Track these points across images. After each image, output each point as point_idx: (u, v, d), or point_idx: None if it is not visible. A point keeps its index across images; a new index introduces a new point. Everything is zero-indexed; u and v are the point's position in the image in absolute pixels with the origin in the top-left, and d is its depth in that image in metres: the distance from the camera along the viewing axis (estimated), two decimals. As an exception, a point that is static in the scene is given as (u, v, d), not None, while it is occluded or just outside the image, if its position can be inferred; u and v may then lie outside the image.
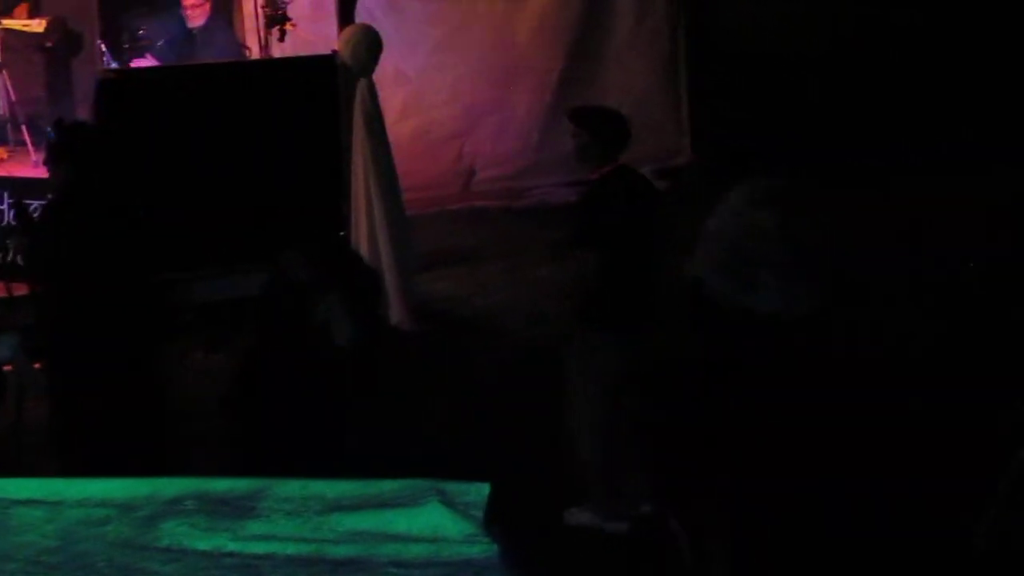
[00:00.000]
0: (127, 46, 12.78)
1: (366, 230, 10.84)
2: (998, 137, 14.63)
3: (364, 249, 10.78)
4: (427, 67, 14.26)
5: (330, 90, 10.99)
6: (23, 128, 12.21)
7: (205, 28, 12.35)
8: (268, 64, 11.98)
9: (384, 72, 11.88)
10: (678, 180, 14.62)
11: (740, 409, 6.70)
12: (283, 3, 12.12)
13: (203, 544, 2.95)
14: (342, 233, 11.06)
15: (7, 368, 7.67)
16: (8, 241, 10.15)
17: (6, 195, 10.67)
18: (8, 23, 12.60)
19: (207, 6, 12.40)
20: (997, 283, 11.00)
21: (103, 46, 12.31)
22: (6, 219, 10.65)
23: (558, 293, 11.16)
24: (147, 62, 12.32)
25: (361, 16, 11.71)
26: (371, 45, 10.95)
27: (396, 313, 10.82)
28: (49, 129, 8.98)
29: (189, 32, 12.43)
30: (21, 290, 8.90)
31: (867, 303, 10.43)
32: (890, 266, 11.66)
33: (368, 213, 10.85)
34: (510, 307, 11.45)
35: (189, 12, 12.42)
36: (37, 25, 12.51)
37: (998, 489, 6.52)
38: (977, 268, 11.95)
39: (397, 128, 12.67)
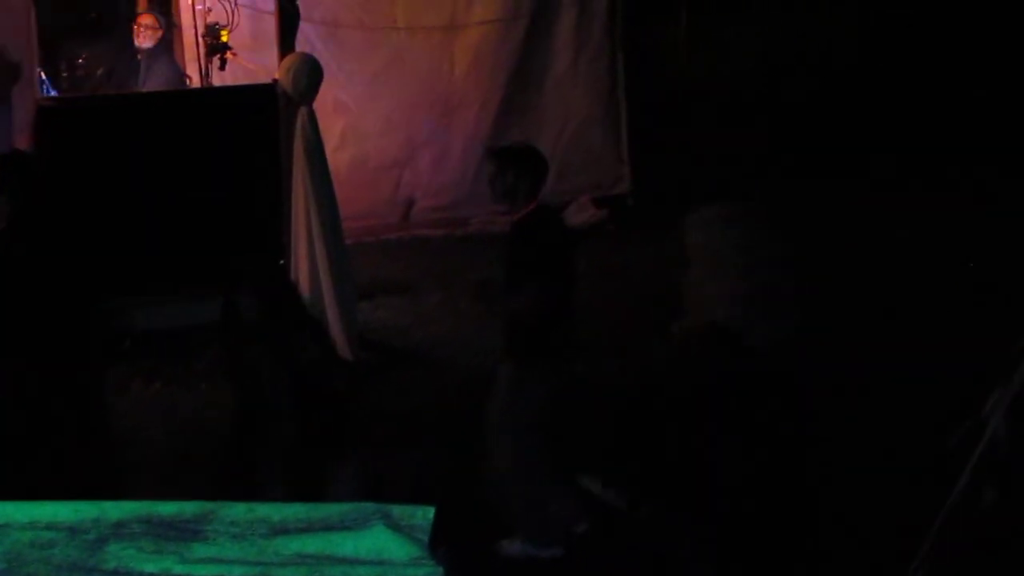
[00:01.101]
0: (66, 74, 12.76)
1: (306, 258, 10.83)
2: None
3: (304, 278, 10.79)
4: (366, 96, 14.29)
5: (270, 118, 10.99)
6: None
7: (152, 54, 12.33)
8: (209, 92, 11.96)
9: (323, 101, 11.89)
10: (619, 210, 14.77)
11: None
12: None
13: (150, 567, 2.96)
14: (281, 261, 11.07)
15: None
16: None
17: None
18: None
19: (159, 32, 12.40)
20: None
21: (42, 74, 12.27)
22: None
23: (496, 324, 11.22)
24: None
25: (301, 46, 11.73)
26: (311, 73, 10.96)
27: (336, 342, 10.82)
28: None
29: (132, 59, 12.42)
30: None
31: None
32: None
33: (308, 241, 10.83)
34: (449, 337, 11.47)
35: (141, 32, 12.40)
36: (-27, 54, 12.44)
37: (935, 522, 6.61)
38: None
39: (336, 157, 12.71)
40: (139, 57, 12.48)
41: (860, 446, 8.78)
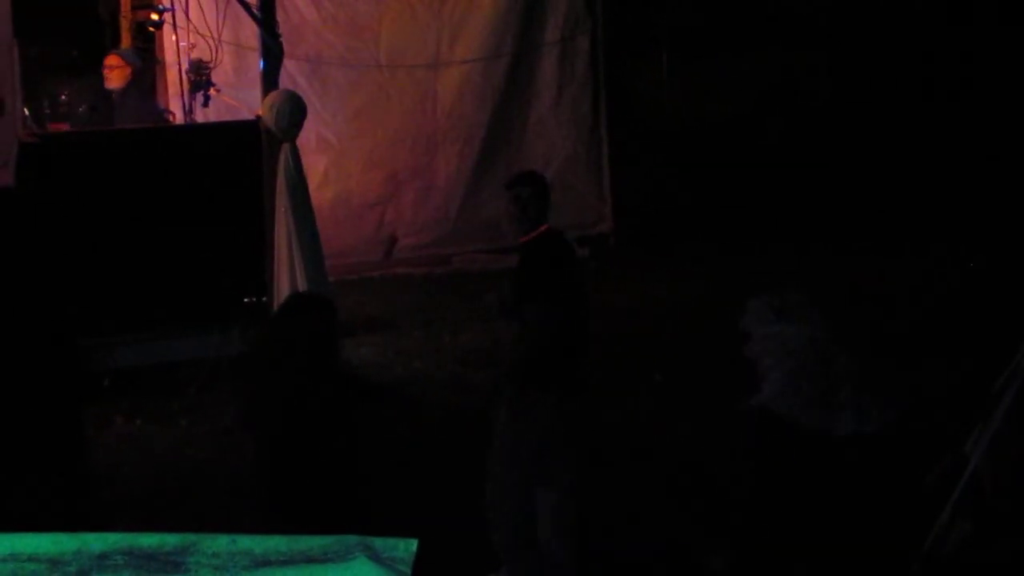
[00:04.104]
0: (49, 111, 12.75)
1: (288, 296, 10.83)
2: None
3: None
4: (349, 134, 14.32)
5: (253, 155, 11.00)
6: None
7: (124, 92, 12.32)
8: (192, 129, 11.96)
9: (306, 139, 11.91)
10: (600, 248, 14.78)
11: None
12: (207, 69, 12.14)
13: (132, 599, 2.95)
14: (264, 298, 11.06)
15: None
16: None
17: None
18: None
19: (127, 70, 12.37)
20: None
21: (25, 111, 12.26)
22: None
23: (479, 360, 11.22)
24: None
25: (284, 83, 11.75)
26: (295, 110, 10.98)
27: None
28: None
29: (110, 97, 12.41)
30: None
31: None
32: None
33: (291, 279, 10.83)
34: (431, 373, 11.47)
35: (107, 74, 12.41)
36: (-43, 91, 12.42)
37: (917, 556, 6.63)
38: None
39: (320, 194, 12.73)
40: (113, 96, 12.48)
41: (841, 481, 8.79)
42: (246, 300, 10.98)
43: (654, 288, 13.54)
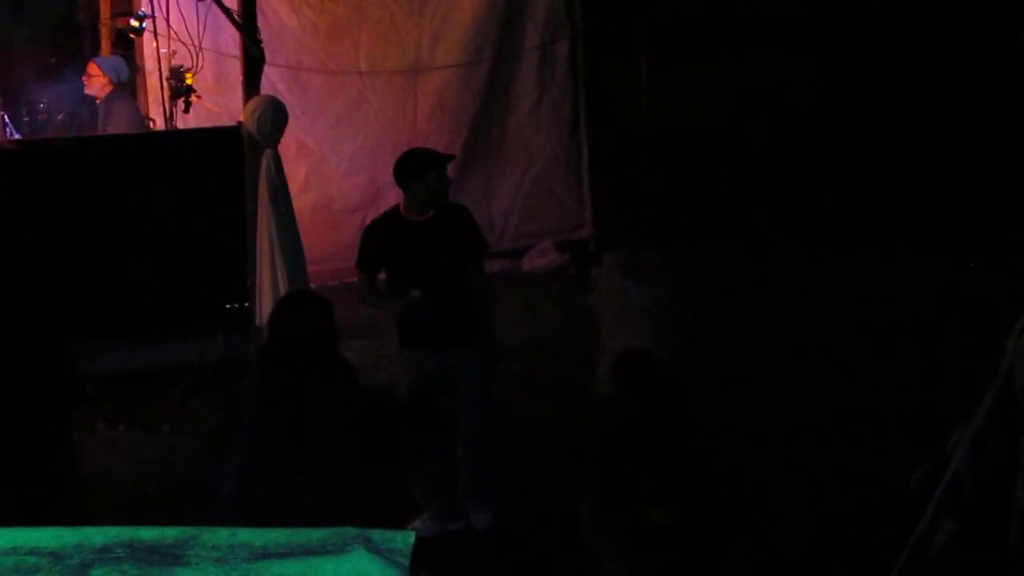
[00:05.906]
0: (27, 118, 12.76)
1: (271, 302, 10.83)
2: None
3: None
4: (330, 140, 14.32)
5: (235, 161, 11.00)
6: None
7: (109, 99, 12.33)
8: (173, 135, 11.97)
9: (287, 145, 11.91)
10: (581, 253, 14.81)
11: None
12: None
13: (134, 591, 2.97)
14: (246, 304, 11.07)
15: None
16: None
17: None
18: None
19: (104, 79, 12.38)
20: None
21: (6, 117, 12.27)
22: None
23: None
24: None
25: (264, 89, 11.76)
26: (276, 116, 10.98)
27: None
28: None
29: (92, 103, 12.42)
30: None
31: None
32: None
33: (273, 284, 10.83)
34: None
35: (87, 81, 12.42)
36: (-62, 97, 12.43)
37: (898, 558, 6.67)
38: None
39: (300, 200, 12.71)
40: (97, 101, 12.49)
41: (821, 484, 8.84)
42: (228, 306, 10.99)
43: (634, 292, 13.53)
